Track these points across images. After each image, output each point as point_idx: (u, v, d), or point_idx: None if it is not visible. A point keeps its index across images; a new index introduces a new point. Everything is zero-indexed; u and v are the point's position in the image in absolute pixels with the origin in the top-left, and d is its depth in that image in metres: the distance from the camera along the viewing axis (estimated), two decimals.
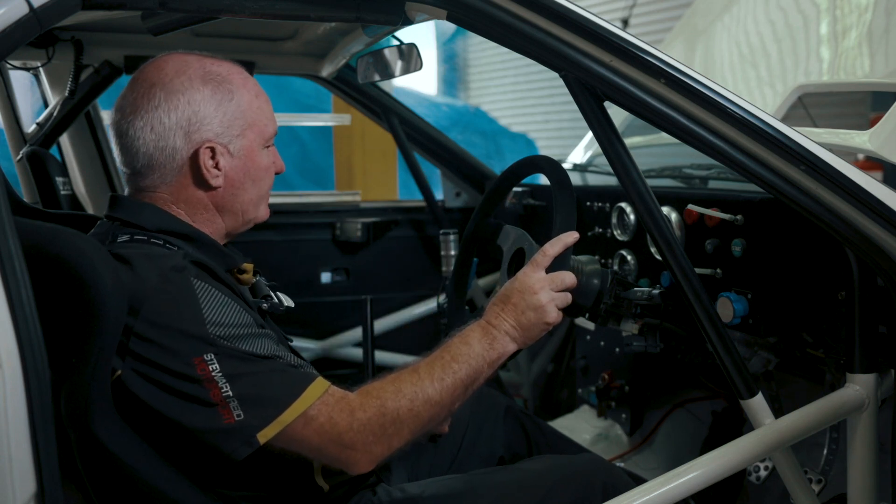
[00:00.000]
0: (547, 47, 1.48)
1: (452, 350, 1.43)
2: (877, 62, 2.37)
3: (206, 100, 1.44)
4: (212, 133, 1.44)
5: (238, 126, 1.47)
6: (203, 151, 1.44)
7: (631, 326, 1.82)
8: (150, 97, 1.43)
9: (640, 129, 2.85)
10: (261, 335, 1.35)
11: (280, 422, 1.30)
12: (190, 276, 1.33)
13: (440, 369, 1.40)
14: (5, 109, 2.62)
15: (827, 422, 1.61)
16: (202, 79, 1.45)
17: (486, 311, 1.51)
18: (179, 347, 1.29)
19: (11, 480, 1.15)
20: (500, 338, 1.46)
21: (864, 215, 1.45)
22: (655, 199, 1.56)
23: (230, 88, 1.46)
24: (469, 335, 1.46)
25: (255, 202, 1.54)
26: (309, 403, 1.31)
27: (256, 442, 1.29)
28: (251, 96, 1.49)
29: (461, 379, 1.41)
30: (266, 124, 1.51)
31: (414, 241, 3.16)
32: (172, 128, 1.42)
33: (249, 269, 1.57)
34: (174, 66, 1.45)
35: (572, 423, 2.75)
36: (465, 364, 1.41)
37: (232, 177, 1.48)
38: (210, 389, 1.28)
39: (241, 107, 1.47)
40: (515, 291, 1.49)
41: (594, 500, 1.57)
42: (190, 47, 1.53)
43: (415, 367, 1.40)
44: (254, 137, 1.49)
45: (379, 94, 2.97)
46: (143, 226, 1.44)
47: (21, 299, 1.16)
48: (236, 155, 1.48)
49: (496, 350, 1.45)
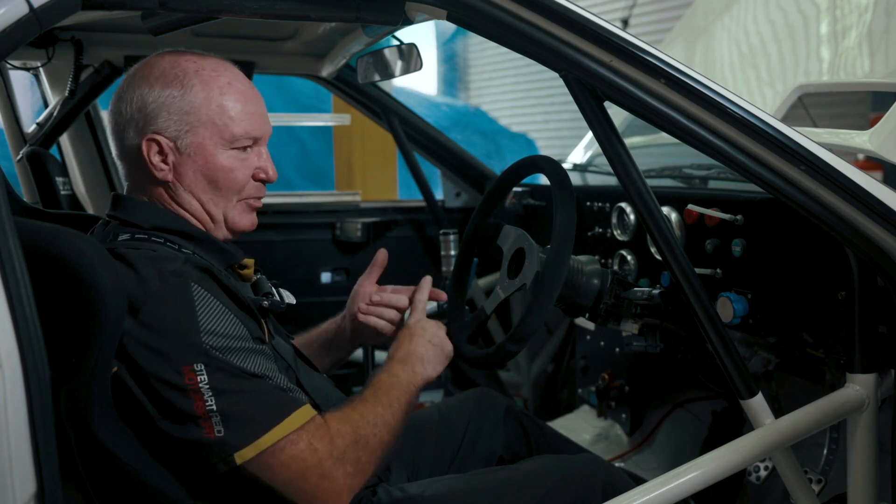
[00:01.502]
0: (547, 47, 1.48)
1: (385, 381, 1.52)
2: (877, 62, 2.37)
3: (155, 93, 1.43)
4: (157, 127, 1.44)
5: (187, 122, 1.44)
6: (146, 143, 1.44)
7: (631, 326, 1.82)
8: (122, 89, 1.47)
9: (640, 129, 2.85)
10: (255, 351, 1.35)
11: (259, 444, 1.29)
12: (190, 282, 1.33)
13: (385, 396, 1.47)
14: (5, 109, 2.62)
15: (827, 422, 1.61)
16: (161, 73, 1.44)
17: (391, 353, 1.61)
18: (171, 354, 1.28)
19: (11, 480, 1.15)
20: (416, 365, 1.58)
21: (864, 215, 1.45)
22: (655, 199, 1.56)
23: (185, 84, 1.44)
24: (391, 367, 1.56)
25: (225, 205, 1.49)
26: (291, 429, 1.31)
27: (233, 462, 1.29)
28: (211, 94, 1.45)
29: (403, 405, 1.49)
30: (227, 124, 1.45)
31: (414, 241, 3.16)
32: (128, 119, 1.45)
33: (251, 265, 1.57)
34: (149, 61, 1.48)
35: (572, 423, 2.76)
36: (402, 391, 1.51)
37: (181, 172, 1.45)
38: (195, 400, 1.28)
39: (192, 103, 1.44)
40: (405, 339, 1.64)
41: (594, 500, 1.57)
42: (190, 47, 1.53)
43: (362, 398, 1.46)
44: (207, 135, 1.44)
45: (379, 94, 2.97)
46: (142, 224, 1.44)
47: (21, 299, 1.16)
48: (184, 151, 1.44)
49: (417, 375, 1.57)
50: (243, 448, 1.29)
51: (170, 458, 1.34)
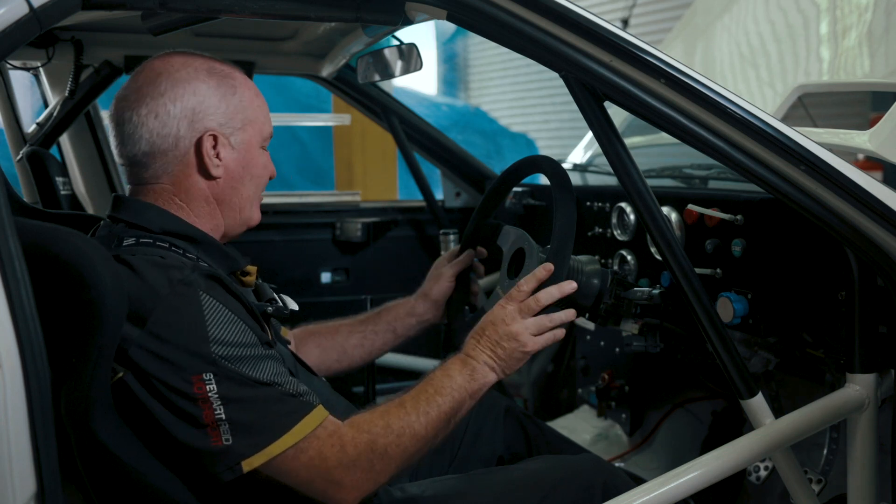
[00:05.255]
0: (547, 47, 1.48)
1: (436, 383, 1.45)
2: (877, 62, 2.37)
3: (211, 91, 1.46)
4: (215, 123, 1.46)
5: (239, 119, 1.49)
6: (206, 139, 1.45)
7: (631, 326, 1.82)
8: (156, 85, 1.45)
9: (640, 129, 2.85)
10: (264, 357, 1.35)
11: (267, 452, 1.29)
12: (199, 291, 1.33)
13: (425, 403, 1.42)
14: (5, 109, 2.62)
15: (827, 422, 1.61)
16: (207, 71, 1.48)
17: (464, 344, 1.54)
18: (180, 363, 1.28)
19: (11, 480, 1.15)
20: (479, 368, 1.49)
21: (864, 215, 1.45)
22: (655, 199, 1.56)
23: (233, 84, 1.49)
24: (450, 368, 1.49)
25: (251, 200, 1.55)
26: (300, 437, 1.31)
27: (240, 469, 1.29)
28: (252, 94, 1.52)
29: (445, 412, 1.43)
30: (265, 124, 1.54)
31: (414, 241, 3.16)
32: (177, 115, 1.44)
33: (253, 272, 1.57)
34: (180, 59, 1.48)
35: (572, 423, 2.76)
36: (448, 397, 1.44)
37: (232, 169, 1.49)
38: (203, 409, 1.28)
39: (243, 101, 1.49)
40: (489, 324, 1.53)
41: (594, 500, 1.57)
42: (190, 47, 1.53)
43: (401, 401, 1.42)
44: (253, 133, 1.51)
45: (379, 94, 2.97)
46: (148, 227, 1.44)
47: (21, 299, 1.16)
48: (236, 147, 1.49)
49: (477, 381, 1.49)
50: (251, 456, 1.29)
51: (174, 462, 1.34)
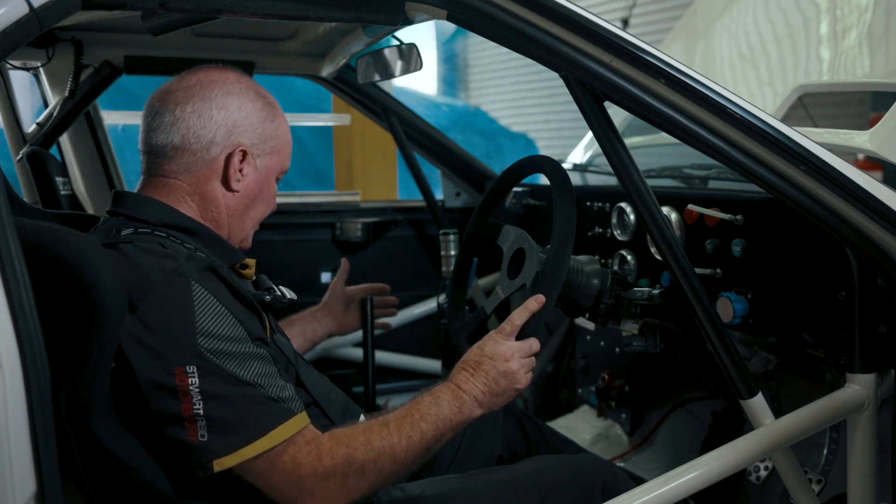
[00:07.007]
0: (547, 47, 1.48)
1: (422, 409, 1.44)
2: (877, 62, 2.37)
3: (256, 111, 1.54)
4: (249, 140, 1.53)
5: (270, 145, 1.56)
6: (237, 152, 1.51)
7: (631, 326, 1.82)
8: (208, 90, 1.51)
9: (640, 129, 2.85)
10: (252, 355, 1.35)
11: (241, 454, 1.29)
12: (191, 281, 1.33)
13: (409, 427, 1.41)
14: (5, 109, 2.61)
15: (827, 422, 1.61)
16: (256, 93, 1.56)
17: (455, 373, 1.52)
18: (165, 353, 1.29)
19: (11, 480, 1.15)
20: (468, 402, 1.48)
21: (864, 215, 1.45)
22: (655, 199, 1.56)
23: (275, 112, 1.58)
24: (439, 396, 1.47)
25: (254, 223, 1.61)
26: (275, 442, 1.31)
27: (211, 469, 1.29)
28: (286, 128, 1.60)
29: (427, 440, 1.42)
30: (287, 159, 1.61)
31: (414, 241, 3.16)
32: (218, 122, 1.50)
33: (252, 265, 1.59)
34: (235, 75, 1.56)
35: (572, 423, 2.75)
36: (432, 425, 1.43)
37: (250, 187, 1.55)
38: (183, 402, 1.28)
39: (277, 131, 1.57)
40: (486, 358, 1.51)
41: (594, 500, 1.57)
42: (190, 47, 1.54)
43: (385, 421, 1.41)
44: (277, 162, 1.59)
45: (379, 94, 2.96)
46: (147, 220, 1.45)
47: (21, 299, 1.16)
48: (260, 169, 1.56)
49: (463, 414, 1.48)
50: (224, 456, 1.29)
51: (160, 456, 1.34)
